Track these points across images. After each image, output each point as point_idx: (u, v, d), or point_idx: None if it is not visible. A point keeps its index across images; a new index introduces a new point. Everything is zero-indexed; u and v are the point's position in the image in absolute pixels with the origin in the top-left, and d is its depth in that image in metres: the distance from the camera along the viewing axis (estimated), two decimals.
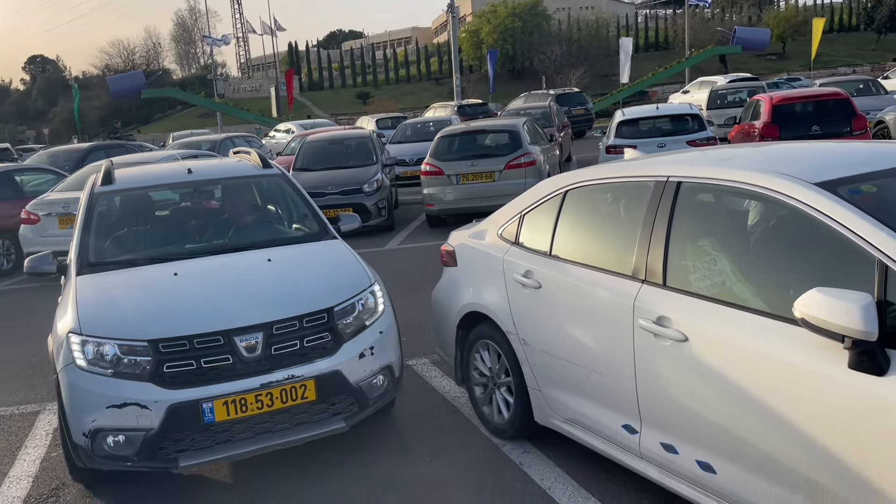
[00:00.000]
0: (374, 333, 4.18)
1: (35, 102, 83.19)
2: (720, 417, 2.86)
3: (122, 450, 3.74)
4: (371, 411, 4.17)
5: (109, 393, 3.70)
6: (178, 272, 4.36)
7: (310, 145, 13.49)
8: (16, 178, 12.07)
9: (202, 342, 3.78)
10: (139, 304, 4.07)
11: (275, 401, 3.80)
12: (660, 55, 59.95)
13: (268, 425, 3.85)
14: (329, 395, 3.95)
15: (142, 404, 3.68)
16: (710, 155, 3.74)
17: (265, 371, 3.82)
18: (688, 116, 12.29)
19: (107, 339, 3.81)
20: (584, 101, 29.61)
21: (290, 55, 69.67)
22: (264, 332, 3.86)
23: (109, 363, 3.77)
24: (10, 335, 7.78)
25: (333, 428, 3.97)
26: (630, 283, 3.31)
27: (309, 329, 3.97)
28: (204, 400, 3.70)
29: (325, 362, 3.94)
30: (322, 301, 4.08)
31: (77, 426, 3.77)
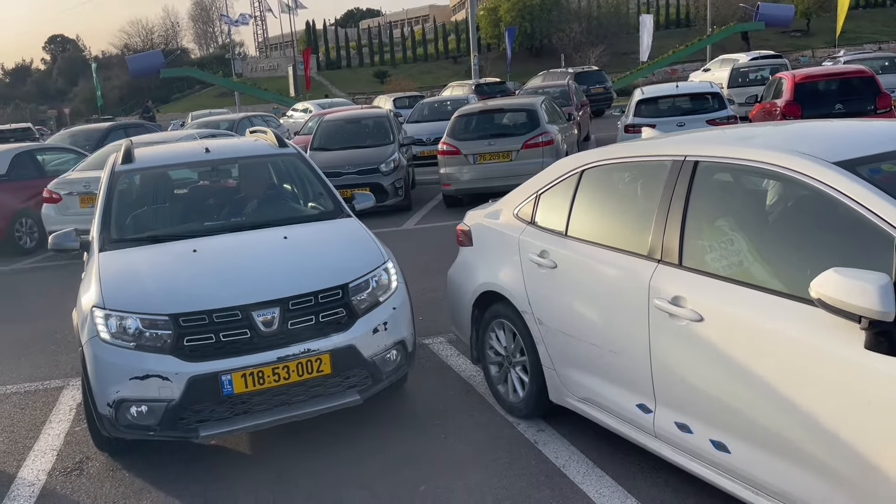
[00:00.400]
0: (388, 309, 4.27)
1: (55, 82, 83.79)
2: (735, 397, 2.87)
3: (144, 420, 3.87)
4: (384, 385, 4.27)
5: (132, 365, 3.83)
6: (197, 249, 4.47)
7: (327, 125, 13.49)
8: (38, 157, 12.20)
9: (221, 316, 3.89)
10: (160, 279, 4.18)
11: (291, 373, 3.91)
12: (681, 32, 59.09)
13: (284, 397, 3.95)
14: (344, 368, 4.05)
15: (163, 376, 3.80)
16: (728, 134, 3.70)
17: (282, 345, 3.93)
18: (708, 95, 12.14)
19: (129, 313, 3.93)
20: (603, 79, 29.31)
21: (307, 34, 69.47)
22: (281, 307, 3.96)
23: (132, 336, 3.89)
24: (33, 312, 7.91)
25: (348, 401, 4.07)
26: (646, 262, 3.31)
27: (324, 304, 4.07)
28: (223, 372, 3.82)
29: (339, 337, 4.05)
30: (337, 277, 4.18)
31: (102, 397, 3.90)
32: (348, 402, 4.08)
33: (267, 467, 4.11)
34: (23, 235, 11.30)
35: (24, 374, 5.95)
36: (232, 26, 56.56)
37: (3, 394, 5.54)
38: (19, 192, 11.24)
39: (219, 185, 5.86)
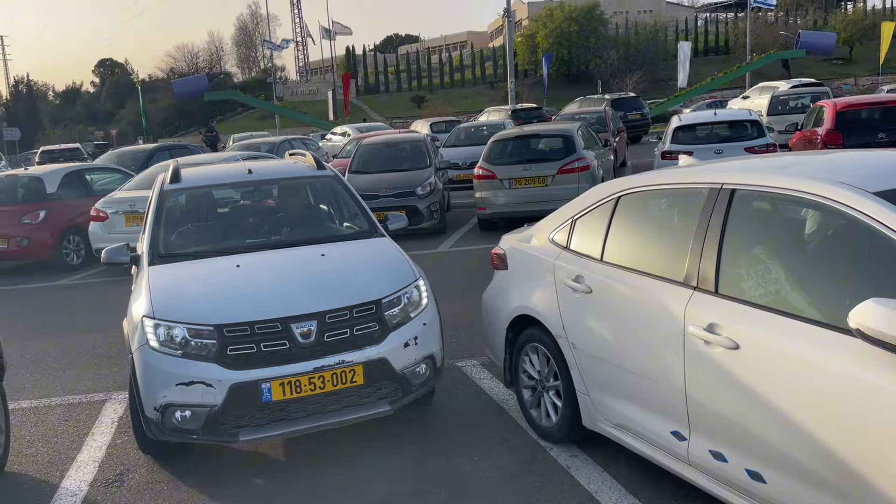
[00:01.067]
0: (419, 325, 4.45)
1: (104, 104, 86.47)
2: (771, 427, 2.84)
3: (188, 424, 4.07)
4: (414, 397, 4.43)
5: (179, 372, 4.04)
6: (240, 264, 4.71)
7: (365, 148, 13.70)
8: (86, 177, 12.60)
9: (262, 328, 4.09)
10: (206, 292, 4.41)
11: (326, 383, 4.10)
12: (720, 60, 58.81)
13: (319, 406, 4.14)
14: (376, 380, 4.23)
15: (207, 383, 4.00)
16: (766, 162, 3.70)
17: (318, 356, 4.12)
18: (746, 122, 12.04)
19: (177, 322, 4.14)
20: (640, 105, 29.27)
21: (347, 59, 70.73)
22: (318, 321, 4.16)
23: (179, 345, 4.10)
24: (79, 326, 8.14)
25: (379, 411, 4.24)
26: (681, 289, 3.31)
27: (358, 318, 4.27)
28: (263, 380, 4.01)
29: (372, 349, 4.23)
30: (371, 293, 4.37)
31: (149, 401, 4.11)
32: (379, 412, 4.23)
33: (299, 481, 4.17)
34: (70, 252, 11.65)
35: (69, 386, 6.12)
36: (274, 51, 57.82)
37: (48, 406, 5.70)
38: (68, 210, 11.61)
39: (260, 205, 6.11)
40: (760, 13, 55.71)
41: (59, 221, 11.43)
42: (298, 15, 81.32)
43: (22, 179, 12.07)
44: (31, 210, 11.35)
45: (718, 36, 65.37)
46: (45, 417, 5.45)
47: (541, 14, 60.41)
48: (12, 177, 12.35)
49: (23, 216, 11.28)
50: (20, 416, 5.48)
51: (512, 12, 36.58)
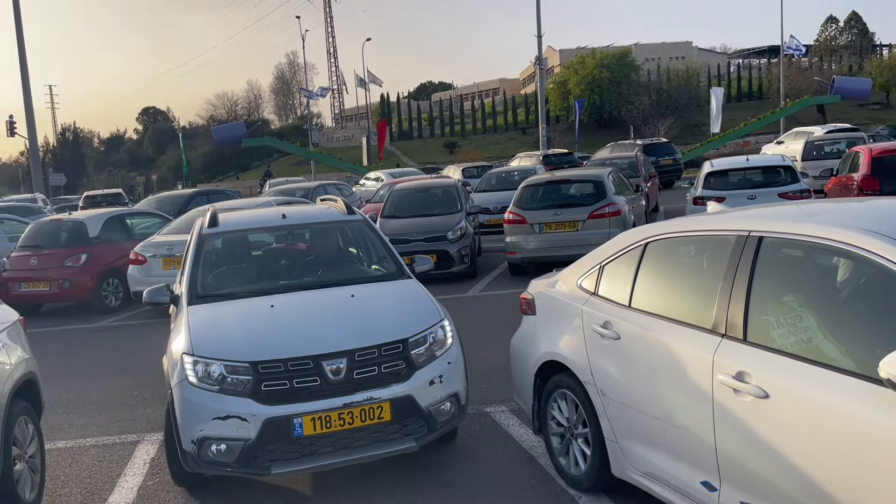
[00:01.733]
0: (444, 363, 4.59)
1: (146, 150, 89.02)
2: (802, 478, 2.79)
3: (223, 457, 4.21)
4: (438, 434, 4.55)
5: (215, 406, 4.20)
6: (274, 304, 4.90)
7: (397, 193, 13.89)
8: (127, 221, 12.97)
9: (295, 365, 4.26)
10: (242, 330, 4.59)
11: (355, 419, 4.25)
12: (753, 105, 58.63)
13: (348, 441, 4.28)
14: (402, 416, 4.37)
15: (242, 417, 4.16)
16: (795, 209, 3.70)
17: (347, 392, 4.28)
18: (780, 168, 11.96)
19: (215, 359, 4.32)
20: (672, 151, 29.24)
21: (381, 106, 72.12)
22: (348, 358, 4.32)
23: (216, 380, 4.28)
24: (115, 368, 8.29)
25: (405, 447, 4.37)
26: (710, 336, 3.29)
27: (386, 357, 4.42)
28: (295, 416, 4.16)
29: (399, 387, 4.38)
30: (398, 332, 4.53)
31: (187, 435, 4.26)
32: (405, 448, 4.36)
33: None
34: (109, 294, 11.92)
35: (104, 427, 6.22)
36: (311, 99, 59.22)
37: (83, 446, 5.80)
38: (108, 253, 11.93)
39: (292, 248, 6.31)
40: (794, 59, 55.60)
41: (100, 264, 11.74)
42: (335, 64, 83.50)
43: (66, 223, 12.46)
44: (74, 253, 11.68)
45: (751, 82, 65.32)
46: (79, 458, 5.54)
47: (572, 61, 61.08)
48: (56, 221, 12.76)
49: (65, 259, 11.61)
50: (56, 455, 5.58)
51: (544, 60, 37.15)
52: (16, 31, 31.48)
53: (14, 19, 31.45)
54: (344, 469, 4.90)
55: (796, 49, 45.29)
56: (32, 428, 4.70)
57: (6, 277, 11.69)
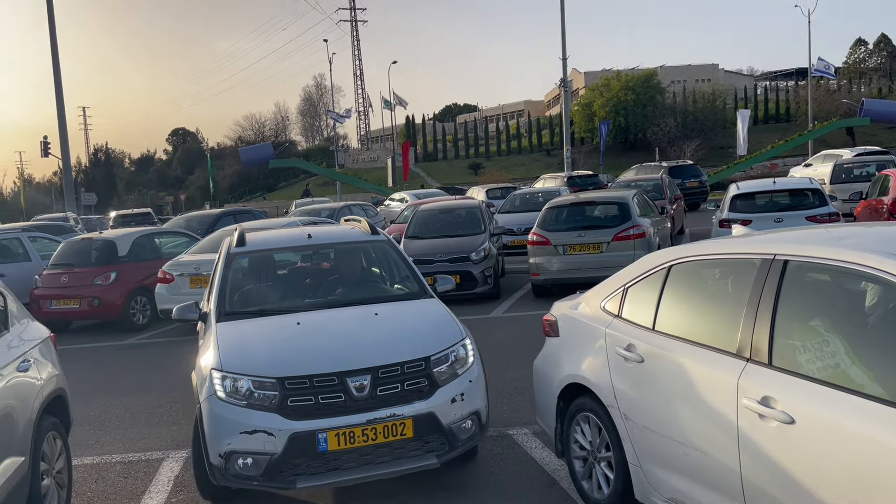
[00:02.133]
0: (465, 382, 4.66)
1: (175, 171, 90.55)
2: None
3: (250, 470, 4.29)
4: (459, 452, 4.62)
5: (243, 421, 4.30)
6: (300, 322, 5.00)
7: (421, 214, 13.96)
8: (155, 240, 13.18)
9: (320, 381, 4.35)
10: (269, 347, 4.69)
11: (378, 435, 4.32)
12: (780, 128, 58.14)
13: (371, 457, 4.35)
14: (424, 433, 4.45)
15: (269, 431, 4.25)
16: (822, 233, 3.67)
17: (371, 409, 4.35)
18: (808, 191, 11.82)
19: (243, 375, 4.42)
20: (698, 173, 29.05)
21: (407, 128, 72.68)
22: (372, 375, 4.40)
23: (244, 396, 4.37)
24: (142, 385, 8.39)
25: (427, 463, 4.44)
26: (734, 360, 3.27)
27: (409, 374, 4.51)
28: (319, 431, 4.25)
29: (421, 404, 4.46)
30: (421, 350, 4.62)
31: (214, 448, 4.35)
32: (427, 464, 4.43)
33: None
34: (137, 312, 12.09)
35: (129, 444, 6.29)
36: (337, 121, 59.90)
37: (109, 462, 5.86)
38: (137, 272, 12.11)
39: (317, 267, 6.42)
40: (822, 81, 55.10)
41: (129, 283, 11.93)
42: (361, 86, 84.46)
43: (96, 242, 12.70)
44: (103, 272, 11.89)
45: (779, 104, 64.81)
46: (105, 474, 5.61)
47: (598, 83, 61.13)
48: (87, 240, 13.01)
49: (95, 277, 11.81)
50: (82, 471, 5.65)
51: (569, 82, 37.24)
52: (52, 55, 32.33)
53: (50, 44, 32.33)
54: (366, 487, 4.91)
55: (826, 71, 44.85)
56: (60, 444, 4.77)
57: (38, 295, 11.92)
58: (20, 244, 14.35)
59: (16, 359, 4.36)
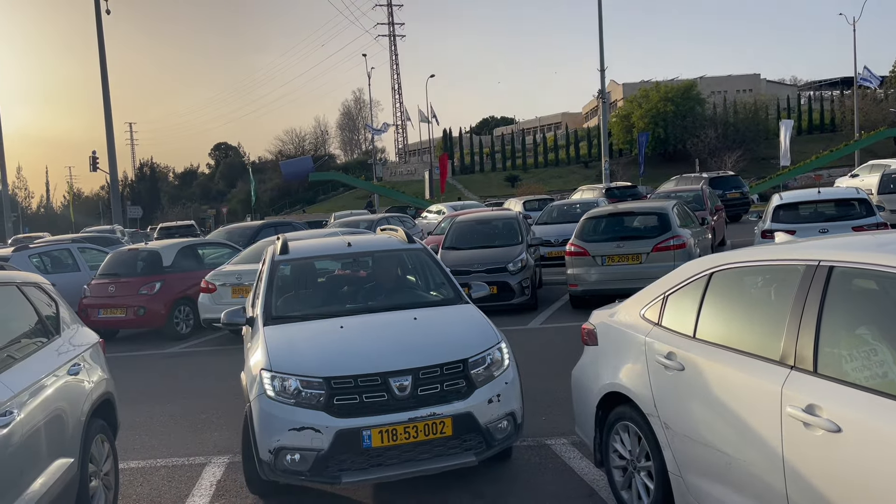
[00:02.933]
0: (501, 383, 4.83)
1: (217, 184, 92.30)
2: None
3: (297, 466, 4.49)
4: (496, 450, 4.77)
5: (291, 418, 4.49)
6: (343, 325, 5.21)
7: (459, 225, 14.00)
8: (198, 251, 13.45)
9: (364, 381, 4.55)
10: (316, 349, 4.91)
11: (419, 433, 4.50)
12: (825, 138, 56.94)
13: (412, 454, 4.52)
14: (462, 432, 4.61)
15: (316, 428, 4.44)
16: (868, 239, 3.59)
17: (412, 408, 4.54)
18: (854, 201, 11.54)
19: (291, 375, 4.63)
20: (739, 184, 28.61)
21: (444, 141, 73.00)
22: (413, 376, 4.60)
23: (292, 394, 4.57)
24: (185, 392, 8.56)
25: (465, 461, 4.59)
26: (778, 368, 3.21)
27: (448, 375, 4.69)
28: (364, 428, 4.44)
29: (460, 404, 4.63)
30: (459, 353, 4.80)
31: (264, 445, 4.55)
32: (465, 462, 4.58)
33: None
34: (180, 322, 12.33)
35: (173, 449, 6.42)
36: (375, 135, 60.51)
37: (153, 467, 5.99)
38: (181, 282, 12.37)
39: (357, 274, 6.66)
40: (868, 90, 53.82)
41: (172, 292, 12.19)
42: (399, 100, 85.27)
43: (142, 253, 13.02)
44: (148, 282, 12.17)
45: (823, 114, 63.48)
46: (150, 478, 5.73)
47: (636, 95, 60.69)
48: (133, 251, 13.34)
49: (140, 287, 12.10)
50: (128, 475, 5.78)
51: (607, 93, 37.05)
52: (101, 73, 33.36)
53: (99, 63, 33.36)
54: (404, 494, 4.93)
55: (870, 80, 43.84)
56: (108, 446, 4.89)
57: (86, 304, 12.25)
58: (70, 255, 14.78)
59: (67, 363, 4.50)
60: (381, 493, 5.05)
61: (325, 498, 5.02)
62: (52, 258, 14.60)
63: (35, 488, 3.73)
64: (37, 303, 4.63)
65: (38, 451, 3.84)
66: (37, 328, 4.51)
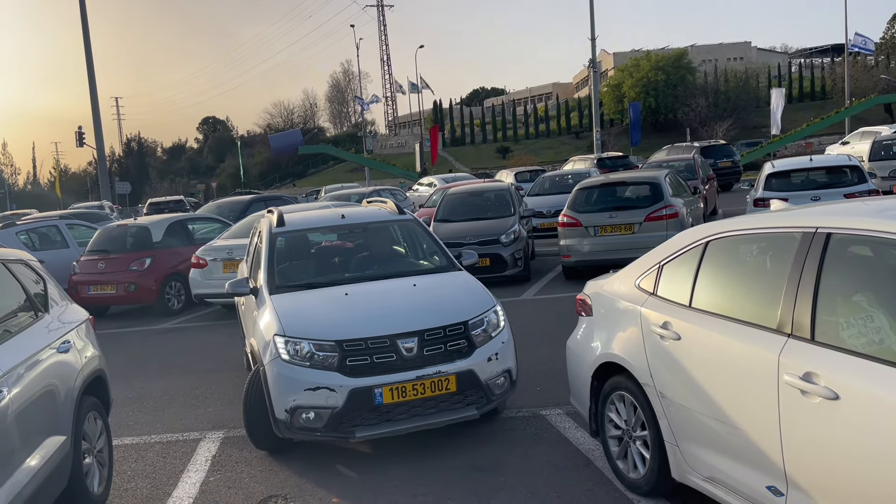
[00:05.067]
0: (498, 343, 5.21)
1: (206, 159, 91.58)
2: (874, 481, 2.67)
3: (313, 423, 4.83)
4: (494, 405, 5.20)
5: (307, 379, 4.81)
6: (348, 293, 5.47)
7: (450, 198, 13.92)
8: (188, 226, 13.32)
9: (374, 343, 4.88)
10: (326, 314, 5.19)
11: (426, 390, 4.86)
12: (816, 106, 56.89)
13: (419, 409, 4.88)
14: (465, 388, 4.98)
15: (331, 388, 4.76)
16: (864, 205, 3.56)
17: (419, 367, 4.89)
18: (846, 168, 11.52)
19: (305, 339, 4.93)
20: (730, 153, 28.54)
21: (434, 113, 72.50)
22: (419, 337, 4.93)
23: (306, 357, 4.88)
24: (178, 368, 8.52)
25: (467, 415, 4.96)
26: (775, 336, 3.20)
27: (450, 336, 5.04)
28: (376, 386, 4.77)
29: (462, 362, 4.99)
30: (459, 315, 5.14)
31: (280, 404, 4.87)
32: (467, 415, 4.96)
33: None
34: (171, 297, 12.26)
35: (167, 425, 6.40)
36: (364, 107, 59.99)
37: (148, 443, 5.97)
38: (171, 257, 12.27)
39: (354, 244, 6.85)
40: (859, 57, 53.63)
41: (163, 268, 12.09)
42: (388, 72, 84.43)
43: (131, 229, 12.89)
44: (139, 258, 12.07)
45: (814, 82, 63.30)
46: (144, 454, 5.71)
47: (627, 64, 60.31)
48: (123, 227, 13.21)
49: (130, 263, 12.00)
50: (122, 451, 5.76)
51: (597, 63, 36.77)
52: (84, 47, 32.80)
53: (83, 37, 32.78)
54: (402, 464, 4.95)
55: (863, 47, 43.60)
56: (101, 423, 4.86)
57: (76, 281, 12.15)
58: (58, 231, 14.63)
59: (56, 340, 4.44)
60: (377, 462, 5.06)
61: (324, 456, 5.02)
62: (40, 235, 14.45)
63: (28, 466, 3.70)
64: (24, 280, 4.56)
65: (29, 428, 3.80)
66: (25, 306, 4.45)
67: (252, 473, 5.10)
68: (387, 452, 5.24)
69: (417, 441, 5.35)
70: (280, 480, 4.94)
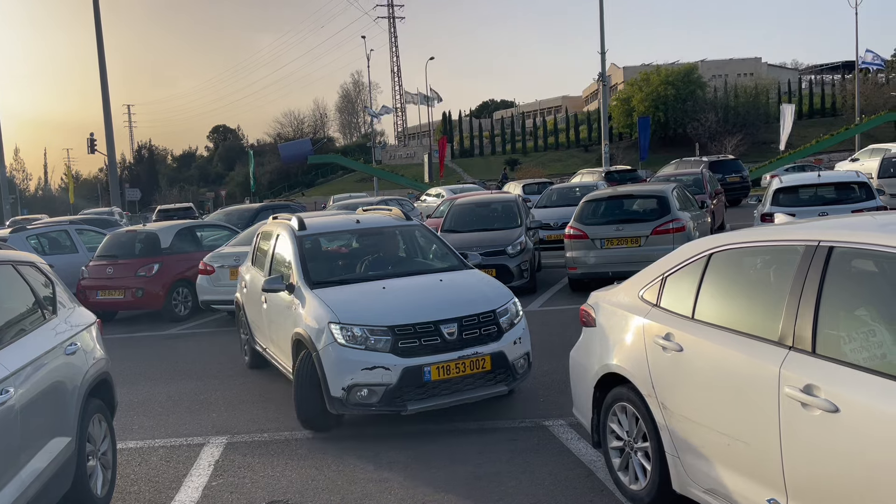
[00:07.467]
0: (520, 329, 5.99)
1: (216, 167, 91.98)
2: (874, 495, 2.67)
3: (368, 399, 5.46)
4: (518, 382, 5.93)
5: (363, 360, 5.45)
6: (384, 287, 6.10)
7: (458, 208, 13.94)
8: (197, 233, 13.40)
9: (421, 328, 5.56)
10: (373, 304, 5.82)
11: (466, 368, 5.57)
12: (826, 122, 56.75)
13: (459, 385, 5.59)
14: (497, 367, 5.71)
15: (386, 367, 5.41)
16: (868, 220, 3.57)
17: (459, 348, 5.59)
18: (854, 184, 11.49)
19: (358, 325, 5.57)
20: (739, 168, 28.50)
21: (443, 124, 72.71)
22: (458, 323, 5.64)
23: (360, 340, 5.51)
24: (183, 373, 8.56)
25: (498, 390, 5.71)
26: (776, 349, 3.20)
27: (484, 322, 5.76)
28: (425, 365, 5.46)
29: (494, 345, 5.73)
30: (488, 304, 5.89)
31: (336, 383, 5.49)
32: (499, 391, 5.71)
33: None
34: (178, 304, 12.32)
35: (171, 429, 6.43)
36: (374, 118, 60.23)
37: (152, 447, 6.00)
38: (179, 263, 12.34)
39: (372, 246, 7.43)
40: (870, 74, 53.53)
41: (171, 274, 12.15)
42: (398, 83, 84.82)
43: (140, 235, 12.97)
44: (147, 263, 12.14)
45: (824, 98, 63.18)
46: (148, 458, 5.74)
47: (637, 78, 60.37)
48: (131, 232, 13.29)
49: (138, 269, 12.07)
50: (126, 455, 5.79)
51: (607, 77, 36.83)
52: (98, 55, 33.13)
53: (96, 45, 33.11)
54: (404, 472, 4.95)
55: (874, 63, 43.50)
56: (105, 426, 4.89)
57: (84, 285, 12.22)
58: (68, 236, 14.73)
59: (63, 342, 4.48)
60: (380, 470, 5.06)
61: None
62: (49, 240, 14.55)
63: (32, 467, 3.72)
64: (33, 282, 4.61)
65: (34, 429, 3.83)
66: (33, 308, 4.49)
67: (254, 479, 5.12)
68: (389, 460, 5.25)
69: (419, 448, 5.36)
70: (282, 486, 4.95)
